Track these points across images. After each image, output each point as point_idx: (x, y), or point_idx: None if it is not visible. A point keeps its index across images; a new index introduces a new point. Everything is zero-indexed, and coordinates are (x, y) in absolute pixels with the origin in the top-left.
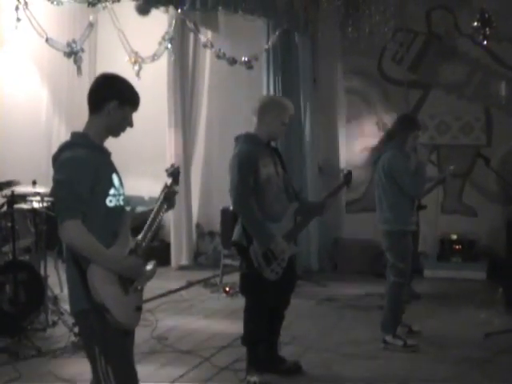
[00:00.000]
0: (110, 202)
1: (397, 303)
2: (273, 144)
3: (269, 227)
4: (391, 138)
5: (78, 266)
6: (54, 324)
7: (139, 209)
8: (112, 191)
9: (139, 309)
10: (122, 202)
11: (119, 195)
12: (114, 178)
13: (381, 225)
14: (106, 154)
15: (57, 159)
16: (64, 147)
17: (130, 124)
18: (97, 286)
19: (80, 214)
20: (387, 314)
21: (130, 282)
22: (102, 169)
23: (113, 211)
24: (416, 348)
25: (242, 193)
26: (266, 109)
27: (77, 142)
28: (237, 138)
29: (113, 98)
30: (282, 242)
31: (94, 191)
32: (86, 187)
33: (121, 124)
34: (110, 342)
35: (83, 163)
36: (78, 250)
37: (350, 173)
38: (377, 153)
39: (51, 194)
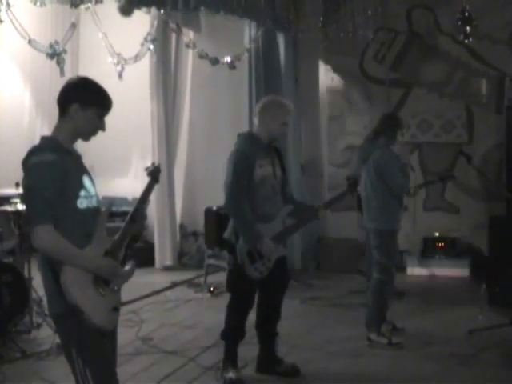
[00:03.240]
0: (81, 203)
1: (381, 301)
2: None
3: (258, 227)
4: (377, 137)
5: (52, 270)
6: (39, 326)
7: (123, 209)
8: (82, 193)
9: (116, 309)
10: (94, 203)
11: (90, 196)
12: (85, 179)
13: (369, 223)
14: (75, 157)
15: (25, 164)
16: (32, 152)
17: (102, 128)
18: (70, 288)
19: (51, 219)
20: (372, 312)
21: (105, 282)
22: (71, 171)
23: (85, 213)
24: (400, 346)
25: (235, 191)
26: (266, 109)
27: (44, 146)
28: (238, 135)
29: (74, 101)
30: (269, 242)
31: (63, 194)
32: (54, 191)
33: (86, 128)
34: (87, 344)
35: (50, 167)
36: (50, 254)
37: (355, 182)
38: (364, 151)
39: (21, 200)
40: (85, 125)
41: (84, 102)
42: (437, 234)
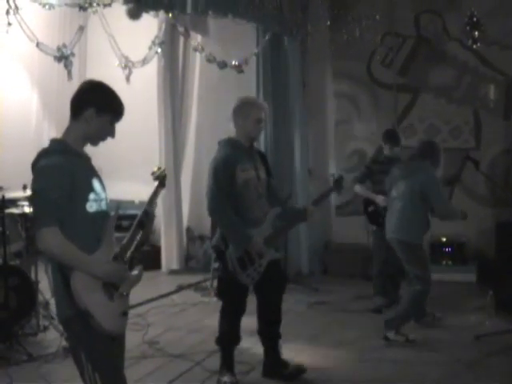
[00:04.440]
0: (91, 207)
1: (415, 308)
2: (255, 145)
3: (246, 230)
4: (423, 159)
5: (62, 273)
6: (45, 329)
7: (130, 212)
8: (92, 196)
9: (125, 314)
10: (103, 207)
11: (100, 200)
12: (95, 182)
13: (398, 234)
14: (85, 160)
15: (34, 167)
16: (41, 155)
17: (112, 134)
18: (80, 293)
19: (56, 222)
20: (400, 315)
21: (114, 287)
22: (80, 174)
23: (94, 216)
24: (415, 342)
25: (217, 197)
26: (238, 110)
27: (54, 148)
28: (219, 143)
29: (90, 106)
30: (260, 243)
31: (72, 198)
32: (62, 194)
33: (98, 133)
34: (96, 349)
35: (59, 171)
36: (55, 257)
37: (341, 177)
38: (408, 169)
39: (29, 203)
40: (97, 130)
41: (100, 108)
42: (444, 240)
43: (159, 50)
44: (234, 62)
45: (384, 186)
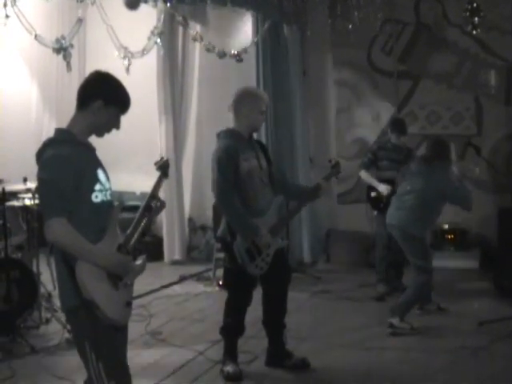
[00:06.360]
0: (96, 197)
1: (420, 298)
2: (255, 136)
3: (253, 221)
4: (431, 162)
5: (67, 263)
6: (48, 321)
7: (131, 203)
8: (98, 186)
9: (129, 304)
10: (108, 197)
11: (105, 190)
12: (100, 173)
13: (403, 225)
14: (90, 150)
15: (40, 156)
16: (47, 144)
17: (117, 126)
18: (86, 282)
19: (64, 212)
20: (404, 302)
21: (119, 277)
22: (86, 165)
23: (100, 207)
24: (419, 329)
25: (223, 188)
26: (242, 101)
27: (60, 138)
28: (218, 135)
29: (98, 98)
30: (267, 234)
31: (78, 188)
32: (69, 185)
33: (105, 125)
34: (101, 339)
35: (66, 161)
36: (63, 247)
37: (337, 162)
38: (425, 166)
39: (36, 193)
40: (104, 122)
41: (108, 100)
42: (446, 227)
43: (158, 41)
44: (233, 51)
45: (388, 174)
